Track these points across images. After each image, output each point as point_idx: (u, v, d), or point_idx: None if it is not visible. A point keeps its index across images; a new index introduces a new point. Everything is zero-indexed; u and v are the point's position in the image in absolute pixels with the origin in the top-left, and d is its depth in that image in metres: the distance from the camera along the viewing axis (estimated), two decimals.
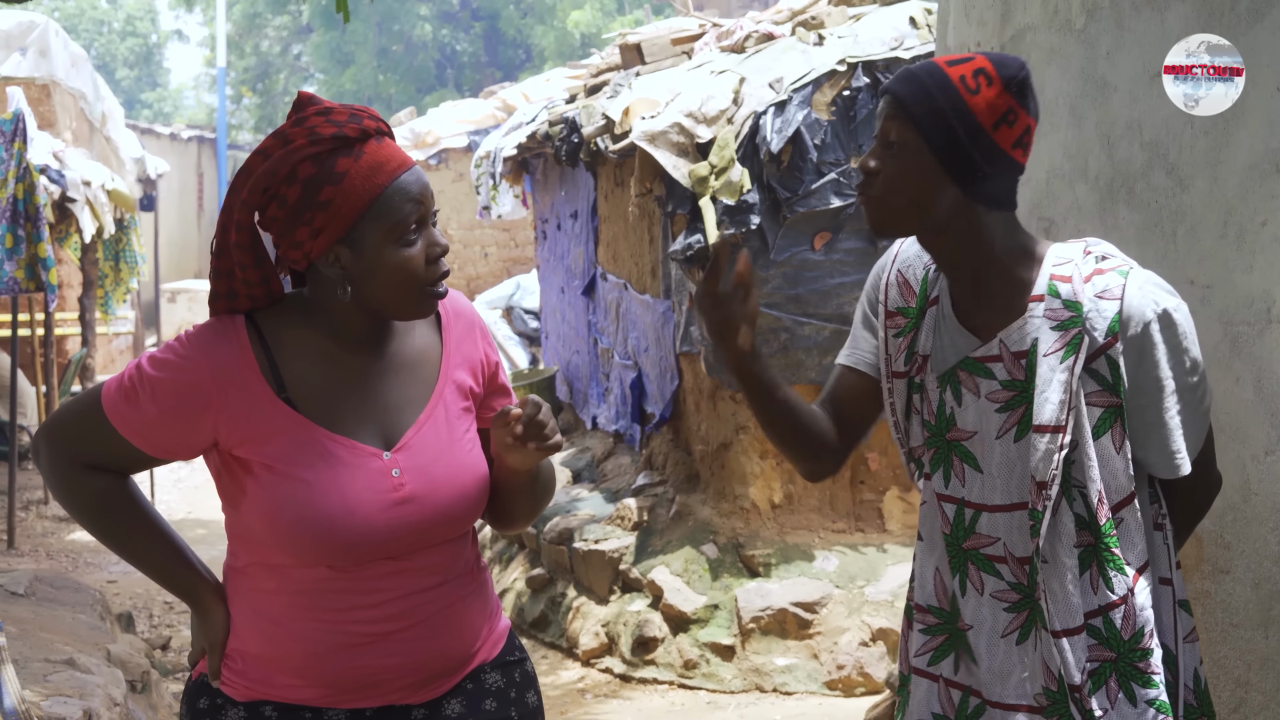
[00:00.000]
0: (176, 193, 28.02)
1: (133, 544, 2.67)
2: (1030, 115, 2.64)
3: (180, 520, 12.10)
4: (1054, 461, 2.60)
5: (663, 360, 9.37)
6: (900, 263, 2.86)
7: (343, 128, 2.48)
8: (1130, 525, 2.68)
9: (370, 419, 2.58)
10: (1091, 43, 3.85)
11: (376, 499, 2.52)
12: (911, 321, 2.79)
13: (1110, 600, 2.64)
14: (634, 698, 7.73)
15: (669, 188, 8.38)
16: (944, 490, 2.77)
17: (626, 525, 8.93)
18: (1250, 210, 3.18)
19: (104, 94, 18.01)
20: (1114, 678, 2.65)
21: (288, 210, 2.47)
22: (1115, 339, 2.61)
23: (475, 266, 19.53)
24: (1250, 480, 3.22)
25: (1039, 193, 4.17)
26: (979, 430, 2.70)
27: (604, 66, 11.43)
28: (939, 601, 2.81)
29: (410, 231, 2.51)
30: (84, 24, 48.37)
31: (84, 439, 2.59)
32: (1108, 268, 2.67)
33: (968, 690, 2.77)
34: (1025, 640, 2.71)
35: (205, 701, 2.65)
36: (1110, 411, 2.63)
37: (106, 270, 13.60)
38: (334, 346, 2.59)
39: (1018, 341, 2.66)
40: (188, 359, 2.53)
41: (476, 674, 2.72)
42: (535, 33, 32.40)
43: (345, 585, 2.55)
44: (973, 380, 2.70)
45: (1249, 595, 3.27)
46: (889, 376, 2.83)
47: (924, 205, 2.64)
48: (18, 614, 6.55)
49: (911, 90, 2.63)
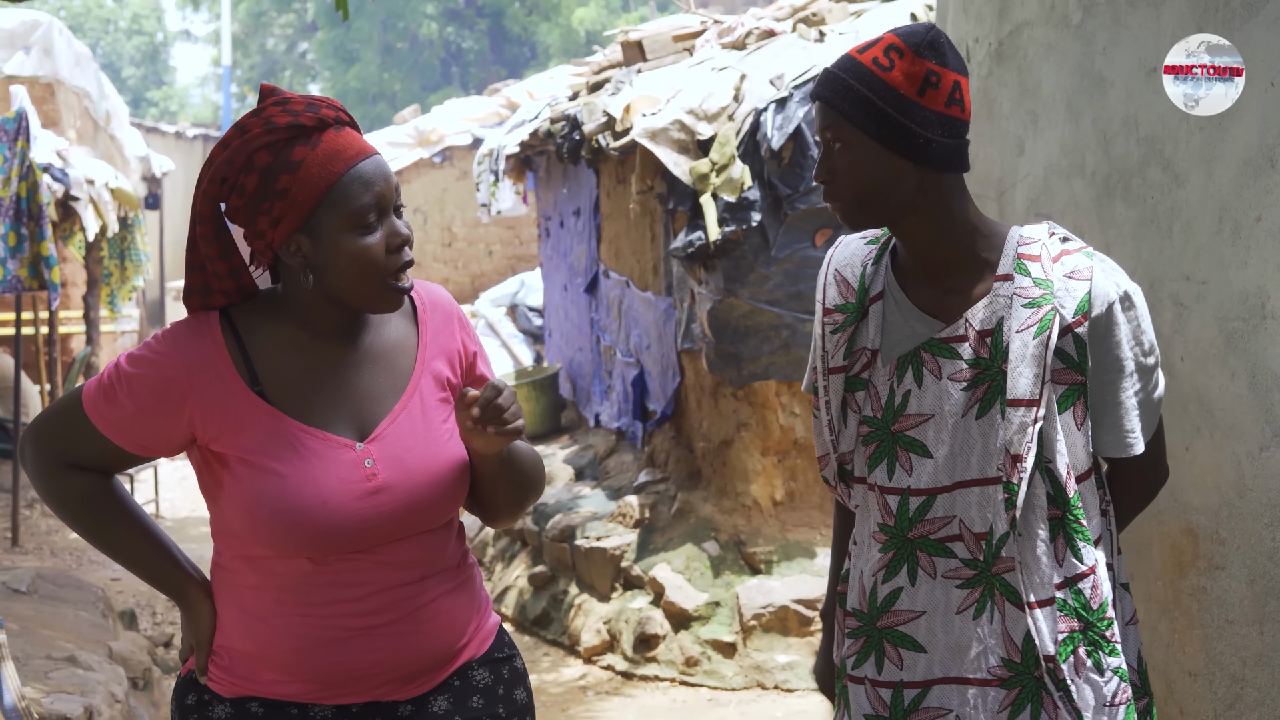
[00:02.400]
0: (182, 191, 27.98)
1: (118, 542, 2.70)
2: (953, 71, 2.69)
3: (184, 518, 12.12)
4: (1029, 434, 2.66)
5: (664, 357, 9.38)
6: (836, 263, 2.93)
7: (299, 116, 2.49)
8: (1088, 500, 2.75)
9: (345, 411, 2.59)
10: (1088, 38, 3.85)
11: (349, 489, 2.53)
12: (851, 317, 2.84)
13: (1079, 570, 2.71)
14: (636, 695, 7.73)
15: (670, 185, 8.38)
16: (887, 483, 2.81)
17: (628, 522, 8.94)
18: (1245, 206, 3.18)
19: (108, 92, 18.01)
20: (1082, 646, 2.71)
21: (247, 199, 2.49)
22: (1084, 318, 2.68)
23: (480, 264, 19.54)
24: (1245, 476, 3.22)
25: (1036, 189, 4.17)
26: (936, 412, 2.75)
27: (606, 64, 11.43)
28: (860, 604, 2.86)
29: (368, 220, 2.50)
30: (90, 22, 48.45)
31: (67, 438, 2.62)
32: (1073, 249, 2.75)
33: (899, 685, 2.80)
34: (980, 615, 2.76)
35: (193, 698, 2.67)
36: (1074, 389, 2.70)
37: (111, 269, 13.61)
38: (308, 339, 2.60)
39: (985, 320, 2.72)
40: (163, 355, 2.55)
41: (464, 671, 2.71)
42: (540, 30, 32.43)
43: (326, 579, 2.55)
44: (935, 362, 2.75)
45: (1244, 591, 3.27)
46: (825, 373, 2.88)
47: (885, 190, 2.70)
48: (20, 611, 6.57)
49: (834, 89, 2.71)
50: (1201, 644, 3.43)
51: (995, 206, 4.46)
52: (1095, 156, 3.81)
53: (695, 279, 8.33)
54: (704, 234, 7.92)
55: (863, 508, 2.89)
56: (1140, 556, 3.66)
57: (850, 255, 2.92)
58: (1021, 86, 4.27)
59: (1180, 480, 3.44)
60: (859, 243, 2.94)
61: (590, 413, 11.51)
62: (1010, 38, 4.33)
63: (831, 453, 2.92)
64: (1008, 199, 4.39)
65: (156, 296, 24.21)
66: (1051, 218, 4.05)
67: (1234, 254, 3.22)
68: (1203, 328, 3.34)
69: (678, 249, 8.15)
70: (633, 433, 10.17)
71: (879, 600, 2.83)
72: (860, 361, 2.84)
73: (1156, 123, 3.50)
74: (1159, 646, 3.61)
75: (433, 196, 19.54)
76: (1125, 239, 3.67)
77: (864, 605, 2.85)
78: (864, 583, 2.86)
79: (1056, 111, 4.03)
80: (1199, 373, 3.35)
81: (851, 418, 2.87)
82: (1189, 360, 3.39)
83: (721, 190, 7.88)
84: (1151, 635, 3.63)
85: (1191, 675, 3.48)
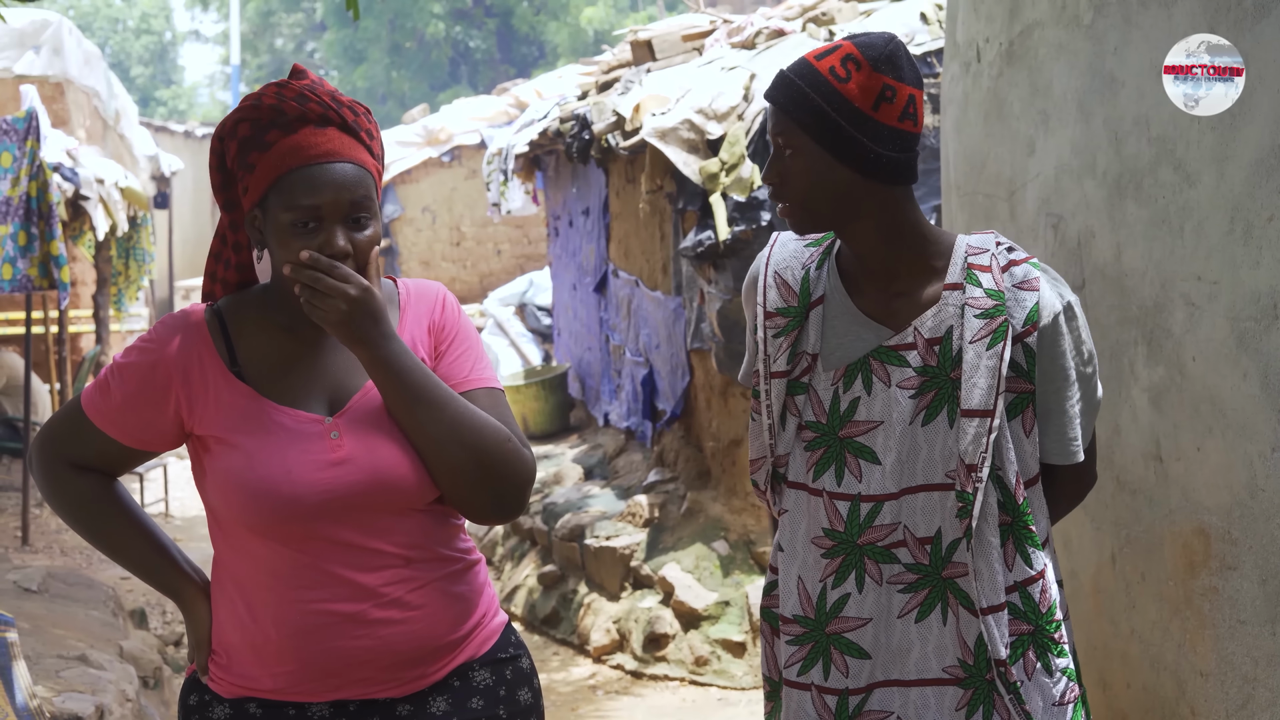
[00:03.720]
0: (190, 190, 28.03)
1: (118, 542, 2.76)
2: (909, 85, 2.70)
3: (194, 518, 12.13)
4: (983, 444, 2.69)
5: (674, 357, 9.38)
6: (775, 264, 2.91)
7: (283, 104, 2.56)
8: (1035, 504, 2.80)
9: (319, 391, 2.64)
10: (1099, 38, 3.85)
11: (313, 460, 2.56)
12: (793, 321, 2.84)
13: (1029, 575, 2.76)
14: (645, 694, 7.74)
15: (680, 184, 8.39)
16: (836, 489, 2.82)
17: (638, 522, 8.94)
18: (1257, 206, 3.18)
19: (117, 92, 18.03)
20: (1032, 649, 2.75)
21: (230, 164, 2.62)
22: (1033, 328, 2.72)
23: (488, 263, 19.55)
24: (1257, 476, 3.22)
25: (1047, 189, 4.17)
26: (885, 419, 2.77)
27: (616, 63, 11.43)
28: (804, 610, 2.86)
29: (307, 221, 2.54)
30: (99, 22, 48.53)
31: (68, 439, 2.70)
32: (1019, 259, 2.79)
33: (844, 692, 2.81)
34: (926, 618, 2.79)
35: (195, 698, 2.72)
36: (1022, 397, 2.74)
37: (119, 268, 13.63)
38: (289, 323, 2.66)
39: (933, 329, 2.74)
40: (150, 343, 2.66)
41: (464, 671, 2.72)
42: (548, 29, 32.45)
43: (308, 562, 2.58)
44: (884, 369, 2.77)
45: (1256, 591, 3.26)
46: (766, 378, 2.88)
47: (832, 198, 2.72)
48: (31, 610, 6.58)
49: (788, 94, 2.72)
50: (1213, 644, 3.43)
51: (1006, 207, 4.46)
52: (1107, 156, 3.81)
53: (705, 278, 8.34)
54: (713, 233, 7.93)
55: (794, 513, 2.89)
56: (1151, 556, 3.66)
57: (789, 257, 2.91)
58: (1032, 86, 4.27)
59: (1192, 480, 3.44)
60: (797, 244, 2.93)
61: (599, 412, 11.51)
62: (1021, 37, 4.33)
63: (768, 456, 2.92)
64: (1018, 199, 4.39)
65: (166, 295, 24.21)
66: (1063, 218, 4.06)
67: (1246, 254, 3.22)
68: (1214, 328, 3.34)
69: (687, 248, 8.15)
70: (642, 432, 10.18)
71: (828, 605, 2.83)
72: (801, 365, 2.84)
73: (1168, 123, 3.50)
74: (1170, 646, 3.61)
75: (441, 196, 19.55)
76: (1137, 239, 3.67)
77: (809, 611, 2.85)
78: (807, 588, 2.85)
79: (1067, 111, 4.03)
80: (1211, 373, 3.35)
81: (790, 421, 2.88)
82: (1200, 360, 3.39)
83: (731, 190, 7.88)
84: (1163, 635, 3.63)
85: (1203, 675, 3.48)
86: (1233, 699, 3.37)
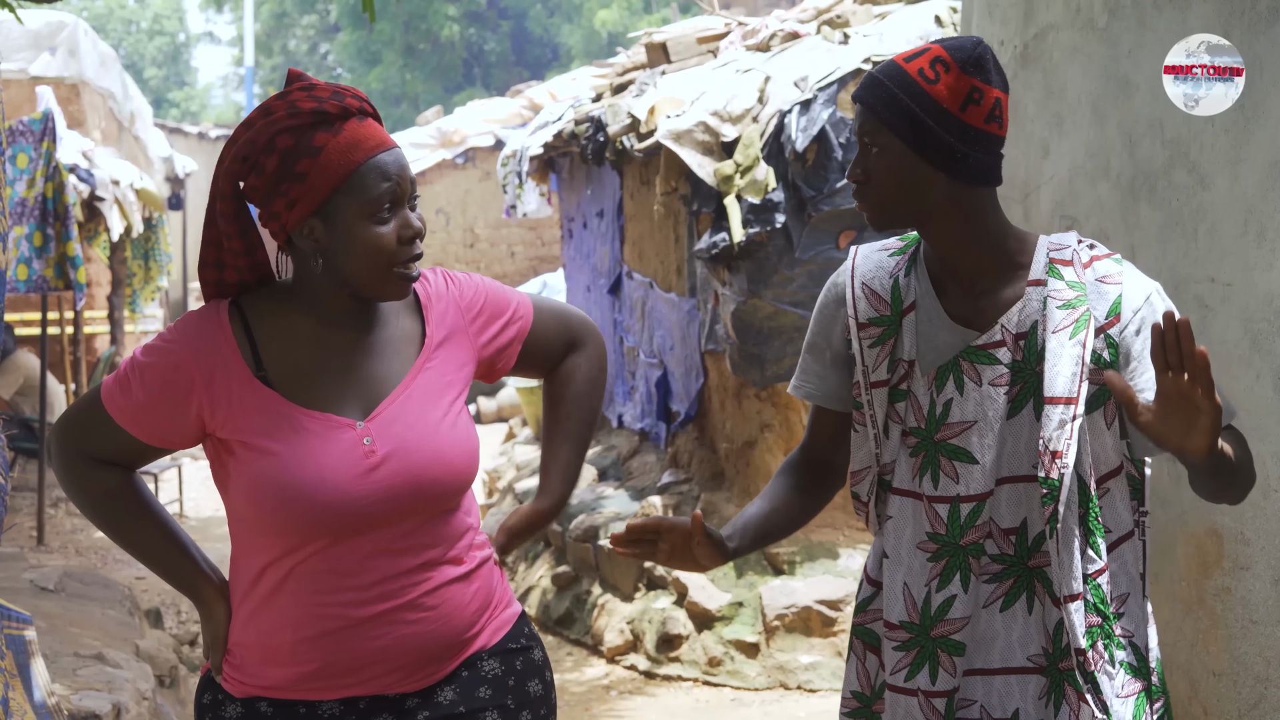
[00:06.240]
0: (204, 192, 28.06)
1: (137, 538, 2.73)
2: (995, 88, 2.72)
3: (208, 518, 12.17)
4: (1068, 430, 2.68)
5: (688, 359, 9.39)
6: (861, 275, 2.93)
7: (323, 104, 2.52)
8: (1116, 496, 2.78)
9: (349, 395, 2.61)
10: (1114, 41, 3.86)
11: (348, 467, 2.54)
12: (889, 330, 2.86)
13: (1098, 566, 2.74)
14: (658, 695, 7.75)
15: (694, 186, 8.40)
16: (934, 492, 2.83)
17: None
18: (1270, 208, 3.19)
19: (132, 93, 18.08)
20: (1099, 641, 2.74)
21: (265, 180, 2.53)
22: (1115, 319, 2.72)
23: (502, 265, 19.58)
24: (1270, 477, 3.23)
25: (1061, 191, 4.18)
26: (979, 419, 2.78)
27: (630, 65, 11.44)
28: (909, 615, 2.87)
29: (383, 210, 2.54)
30: (112, 23, 48.61)
31: (88, 432, 2.66)
32: (1102, 254, 2.79)
33: (950, 693, 2.82)
34: (1010, 607, 2.80)
35: (209, 697, 2.71)
36: (1104, 389, 2.72)
37: (135, 269, 13.67)
38: (315, 325, 2.63)
39: (1019, 324, 2.75)
40: (172, 343, 2.60)
41: (473, 661, 2.72)
42: (562, 31, 32.44)
43: (328, 565, 2.57)
44: (975, 370, 2.77)
45: (1269, 591, 3.28)
46: (867, 388, 2.88)
47: (915, 198, 2.73)
48: (48, 609, 6.61)
49: (877, 95, 2.73)
50: (1225, 644, 3.44)
51: (1020, 209, 4.47)
52: (1120, 159, 3.82)
53: (719, 280, 8.35)
54: (728, 235, 7.94)
55: (898, 519, 2.89)
56: (1165, 557, 3.67)
57: (875, 268, 2.92)
58: (1047, 89, 4.28)
59: None
60: (881, 254, 2.94)
61: (613, 413, 11.52)
62: (1035, 40, 4.34)
63: (874, 465, 2.93)
64: (1032, 201, 4.40)
65: (180, 296, 24.27)
66: (1077, 220, 4.07)
67: (1259, 256, 3.23)
68: (1228, 329, 3.35)
69: (702, 250, 8.16)
70: (656, 433, 10.18)
71: (933, 610, 2.84)
72: (899, 373, 2.86)
73: (1182, 125, 3.52)
74: (1183, 646, 3.62)
75: (455, 197, 19.58)
76: (1150, 241, 3.68)
77: (914, 616, 2.85)
78: (913, 594, 2.86)
79: (1082, 114, 4.04)
80: (1224, 374, 3.36)
81: (894, 429, 2.89)
82: (1214, 362, 3.39)
83: (746, 192, 7.89)
84: (1176, 635, 3.64)
85: (1215, 675, 3.49)
86: (1245, 699, 3.38)
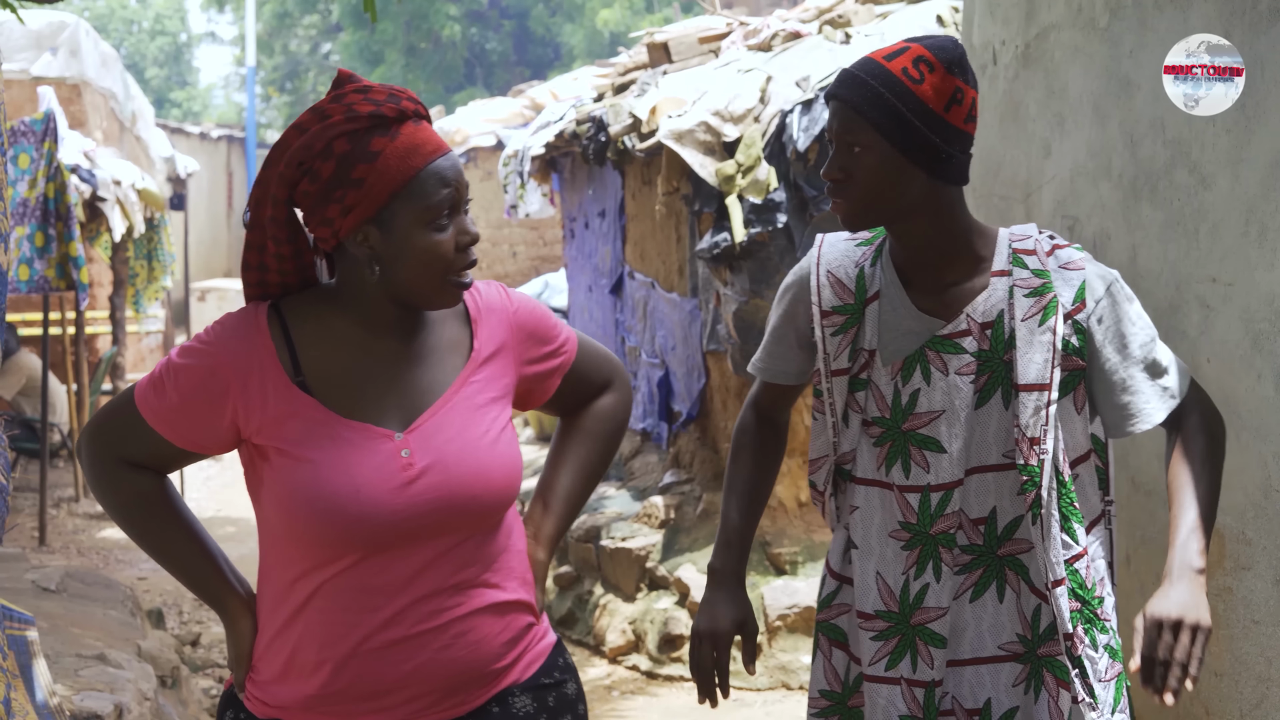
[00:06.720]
0: (206, 192, 28.10)
1: (164, 545, 2.66)
2: (972, 88, 2.76)
3: (209, 519, 12.16)
4: (1044, 417, 2.72)
5: (690, 359, 9.39)
6: (827, 263, 2.95)
7: (380, 107, 2.45)
8: (1085, 481, 2.83)
9: (390, 405, 2.54)
10: (1115, 41, 3.86)
11: (385, 479, 2.47)
12: (851, 319, 2.88)
13: (1076, 552, 2.79)
14: (660, 695, 7.75)
15: (696, 186, 8.39)
16: (905, 481, 2.85)
17: (654, 523, 8.95)
18: (1271, 208, 3.19)
19: (134, 93, 18.08)
20: (1080, 625, 2.77)
21: (320, 186, 2.45)
22: (1081, 306, 2.76)
23: (504, 265, 19.56)
24: (1272, 477, 3.23)
25: (1063, 191, 4.18)
26: (947, 408, 2.80)
27: (631, 65, 11.43)
28: (886, 604, 2.88)
29: (442, 217, 2.48)
30: (114, 23, 48.63)
31: (119, 434, 2.58)
32: (1063, 244, 2.84)
33: (930, 684, 2.84)
34: (980, 597, 2.84)
35: (230, 715, 2.64)
36: (1073, 375, 2.77)
37: (138, 269, 13.66)
38: (360, 333, 2.55)
39: (984, 314, 2.78)
40: (209, 345, 2.53)
41: (504, 697, 2.62)
42: (564, 31, 32.44)
43: (360, 582, 2.49)
44: (941, 359, 2.81)
45: (1270, 591, 3.28)
46: (828, 376, 2.90)
47: (895, 197, 2.75)
48: (49, 610, 6.60)
49: (861, 94, 2.74)
50: (1227, 644, 3.44)
51: (1022, 209, 4.47)
52: (1122, 159, 3.82)
53: (720, 280, 8.35)
54: (729, 235, 7.93)
55: (865, 509, 2.92)
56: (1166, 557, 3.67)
57: (840, 256, 2.95)
58: (1048, 89, 4.28)
59: None
60: (847, 244, 2.97)
61: None
62: (1037, 40, 4.34)
63: (832, 454, 2.95)
64: (1034, 201, 4.40)
65: (181, 297, 24.24)
66: (1078, 219, 4.07)
67: (1260, 256, 3.23)
68: (1229, 329, 3.35)
69: (703, 250, 8.16)
70: (658, 434, 10.18)
71: (910, 597, 2.86)
72: (860, 362, 2.88)
73: (1183, 125, 3.51)
74: None
75: None
76: (1152, 241, 3.68)
77: (892, 605, 2.88)
78: (887, 582, 2.88)
79: (1083, 114, 4.04)
80: (1225, 374, 3.36)
81: (854, 418, 2.91)
82: (1215, 362, 3.40)
83: (747, 192, 7.89)
84: None
85: (1217, 675, 3.49)
86: (1247, 699, 3.38)
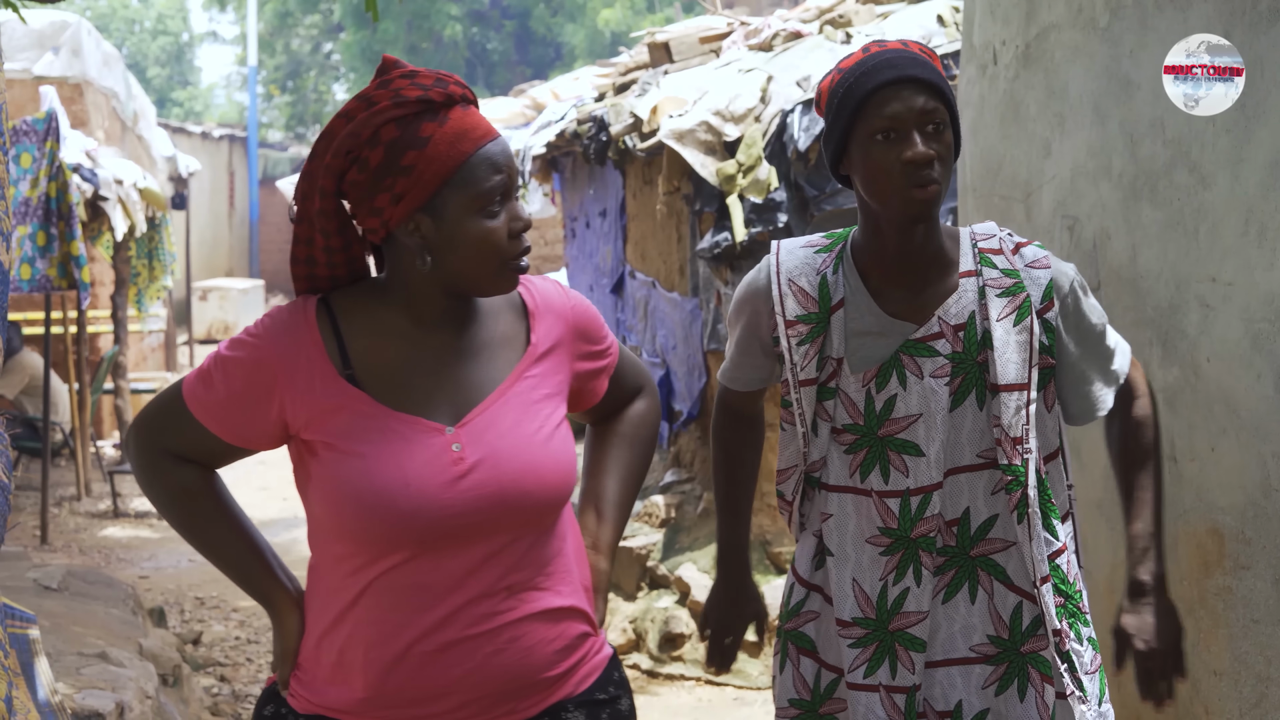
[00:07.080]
0: (208, 191, 28.11)
1: (211, 540, 2.61)
2: None
3: None
4: (1024, 416, 2.73)
5: (690, 358, 9.39)
6: (788, 272, 2.91)
7: (428, 91, 2.39)
8: (1055, 477, 2.84)
9: (441, 399, 2.48)
10: (1115, 41, 3.86)
11: (435, 474, 2.41)
12: (817, 328, 2.84)
13: (1057, 547, 2.80)
14: (661, 694, 7.75)
15: (697, 186, 8.40)
16: (884, 487, 2.83)
17: (654, 522, 8.95)
18: (1271, 208, 3.19)
19: (136, 93, 18.08)
20: (1065, 620, 2.79)
21: (369, 174, 2.39)
22: (1050, 304, 2.77)
23: None
24: (1271, 477, 3.24)
25: (1063, 191, 4.19)
26: (924, 411, 2.79)
27: (633, 65, 11.44)
28: (864, 611, 2.86)
29: (494, 203, 2.41)
30: (115, 23, 48.58)
31: (167, 428, 2.55)
32: (1025, 241, 2.85)
33: (911, 689, 2.82)
34: (952, 598, 2.83)
35: (270, 709, 2.59)
36: (1044, 372, 2.79)
37: (140, 268, 13.67)
38: (410, 326, 2.49)
39: (955, 315, 2.78)
40: (257, 339, 2.48)
41: (556, 711, 2.54)
42: (565, 31, 32.43)
43: (409, 581, 2.44)
44: (915, 363, 2.80)
45: (1269, 591, 3.28)
46: (796, 386, 2.87)
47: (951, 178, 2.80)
48: (51, 608, 6.61)
49: (933, 72, 2.75)
50: (1227, 643, 3.45)
51: (1022, 209, 4.48)
52: (1122, 159, 3.83)
53: (721, 280, 8.35)
54: (730, 235, 7.94)
55: (839, 517, 2.89)
56: (1166, 556, 3.67)
57: (801, 264, 2.91)
58: (1048, 89, 4.29)
59: (1206, 480, 3.46)
60: (806, 251, 2.93)
61: None
62: (1037, 40, 4.35)
63: (801, 464, 2.92)
64: (1034, 201, 4.40)
65: (183, 296, 24.29)
66: (1078, 220, 4.07)
67: (1260, 255, 3.23)
68: (1229, 329, 3.35)
69: (704, 250, 8.16)
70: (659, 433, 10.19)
71: (889, 603, 2.84)
72: (827, 370, 2.85)
73: (1183, 125, 3.52)
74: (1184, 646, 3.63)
75: None
76: (1152, 241, 3.68)
77: (869, 611, 2.85)
78: (864, 589, 2.86)
79: (1083, 114, 4.05)
80: (1225, 374, 3.37)
81: (822, 426, 2.88)
82: (1215, 361, 3.41)
83: (748, 191, 7.89)
84: None
85: (1217, 674, 3.49)
86: (1246, 698, 3.39)
